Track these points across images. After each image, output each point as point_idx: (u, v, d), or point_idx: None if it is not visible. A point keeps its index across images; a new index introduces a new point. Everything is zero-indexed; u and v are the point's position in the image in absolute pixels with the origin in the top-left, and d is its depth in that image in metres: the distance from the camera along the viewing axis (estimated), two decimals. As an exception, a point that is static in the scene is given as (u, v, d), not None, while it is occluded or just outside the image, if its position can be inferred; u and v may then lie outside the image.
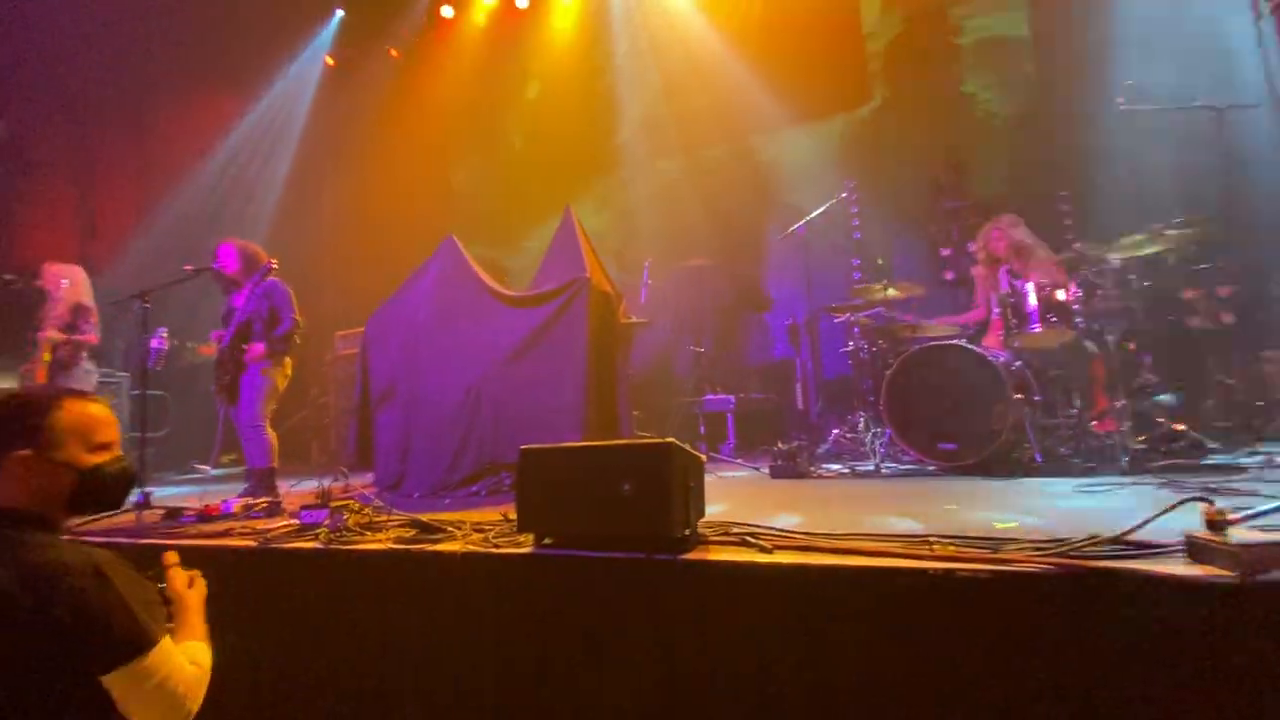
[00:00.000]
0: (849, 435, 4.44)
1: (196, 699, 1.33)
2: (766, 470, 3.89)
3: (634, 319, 4.21)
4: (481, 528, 2.34)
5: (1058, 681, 1.45)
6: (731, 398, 5.64)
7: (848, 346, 4.60)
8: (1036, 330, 3.56)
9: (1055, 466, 3.33)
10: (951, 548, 1.71)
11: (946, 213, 5.91)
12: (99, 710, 1.23)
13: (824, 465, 4.01)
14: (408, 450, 3.97)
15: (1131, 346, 3.72)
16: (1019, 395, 3.39)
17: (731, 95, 6.99)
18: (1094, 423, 3.59)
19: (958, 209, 5.90)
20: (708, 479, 2.35)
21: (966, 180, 5.92)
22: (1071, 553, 1.57)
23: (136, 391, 5.26)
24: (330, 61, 8.50)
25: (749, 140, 7.23)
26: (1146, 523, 1.65)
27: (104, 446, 1.42)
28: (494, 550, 2.10)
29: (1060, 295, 3.54)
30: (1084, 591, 1.46)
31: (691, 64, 7.30)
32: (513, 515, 2.18)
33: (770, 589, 1.72)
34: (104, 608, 1.22)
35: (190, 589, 1.58)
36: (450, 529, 2.35)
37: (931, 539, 1.77)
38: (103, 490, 1.41)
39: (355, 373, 4.43)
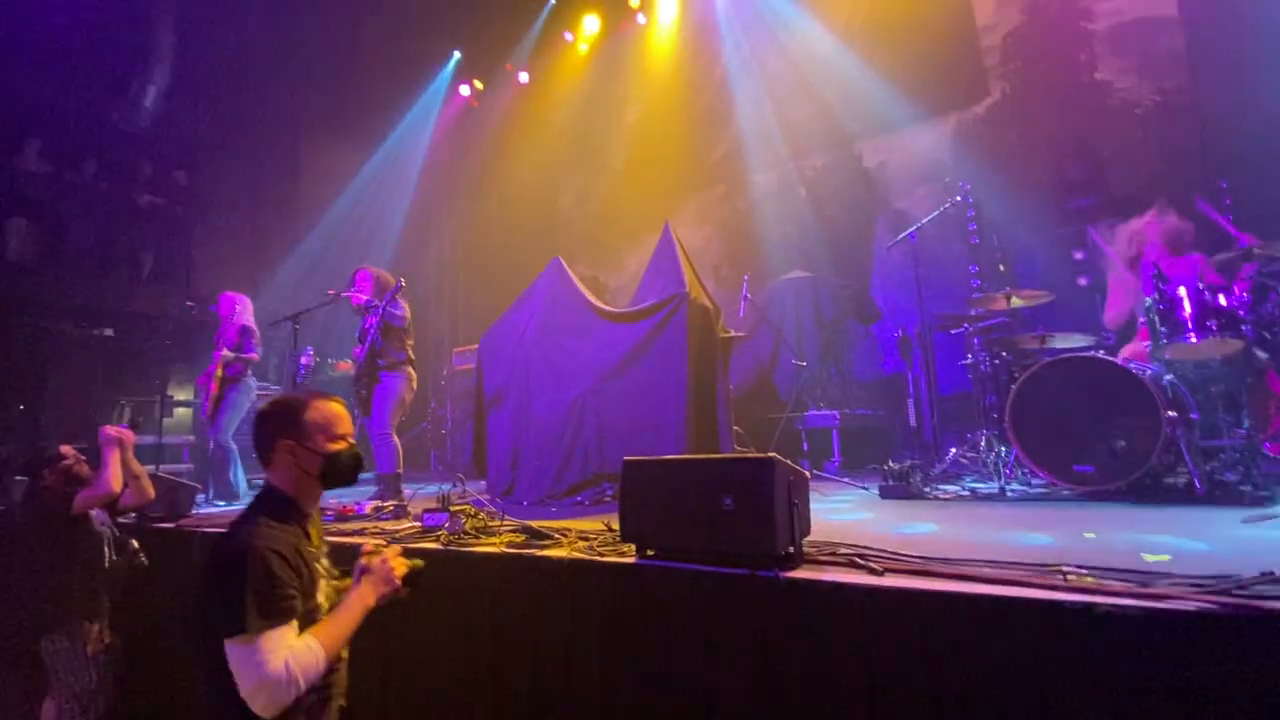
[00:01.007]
0: (968, 455, 4.14)
1: (279, 688, 1.43)
2: (875, 490, 3.72)
3: (733, 333, 4.19)
4: (586, 536, 2.41)
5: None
6: (836, 413, 5.45)
7: (967, 359, 4.31)
8: (1193, 340, 3.16)
9: (1218, 494, 2.92)
10: (1089, 578, 1.56)
11: (1077, 212, 5.42)
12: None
13: (940, 486, 3.76)
14: (518, 460, 4.17)
15: (1316, 356, 3.22)
16: (1172, 413, 3.02)
17: (835, 100, 6.84)
18: (1268, 444, 3.13)
19: (1090, 208, 5.40)
20: (813, 498, 2.28)
21: (1100, 176, 5.40)
22: (1240, 590, 1.38)
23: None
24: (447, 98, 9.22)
25: (854, 146, 7.02)
26: (1338, 561, 1.42)
27: (341, 437, 1.75)
28: (598, 558, 2.16)
29: (1223, 300, 3.13)
30: (1255, 636, 1.28)
31: (793, 71, 7.21)
32: (615, 525, 2.24)
33: (881, 615, 1.64)
34: (222, 585, 1.49)
35: (355, 586, 1.73)
36: (557, 536, 2.45)
37: (1065, 568, 1.62)
38: (340, 471, 1.73)
39: (471, 388, 4.74)
